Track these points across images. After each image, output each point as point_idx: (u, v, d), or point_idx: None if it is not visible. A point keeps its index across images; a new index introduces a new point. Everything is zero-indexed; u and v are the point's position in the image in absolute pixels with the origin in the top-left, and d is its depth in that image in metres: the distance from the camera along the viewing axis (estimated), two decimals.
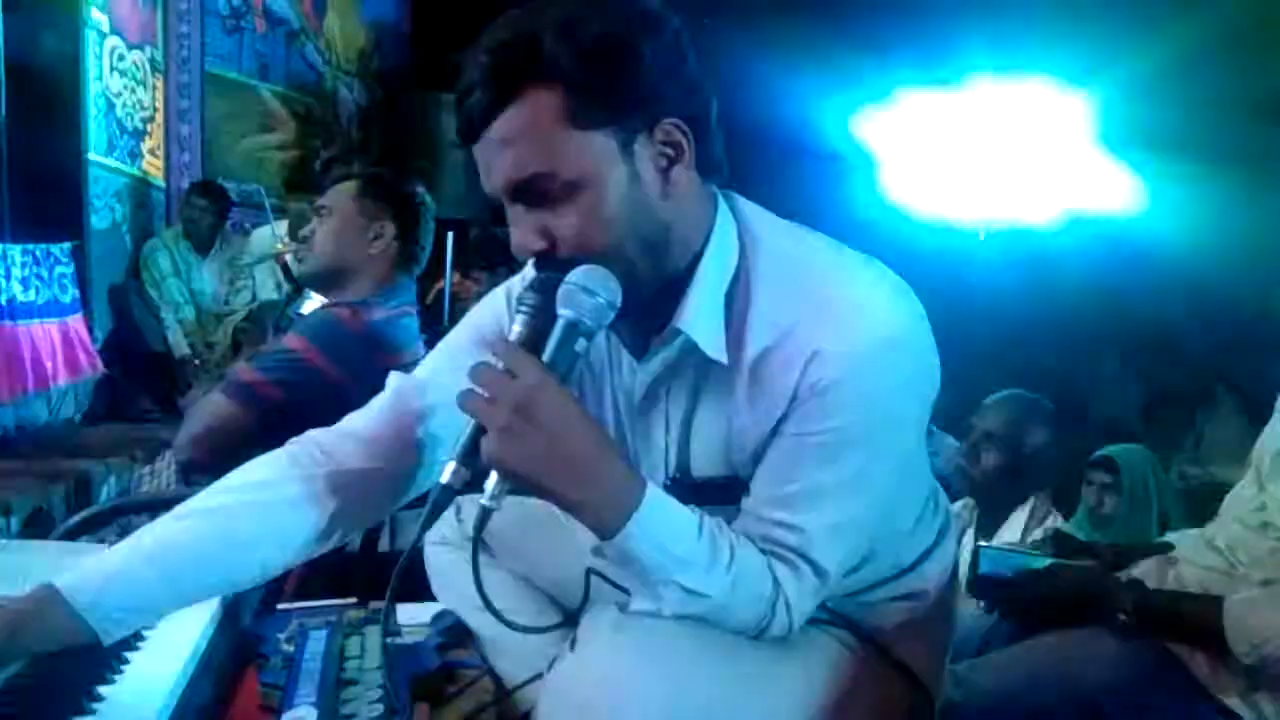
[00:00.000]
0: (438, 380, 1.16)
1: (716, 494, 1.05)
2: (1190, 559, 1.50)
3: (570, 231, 0.95)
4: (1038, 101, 3.62)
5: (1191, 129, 3.25)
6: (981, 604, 1.60)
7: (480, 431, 0.90)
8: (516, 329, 0.95)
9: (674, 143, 0.97)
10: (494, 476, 0.91)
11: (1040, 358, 3.33)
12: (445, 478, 0.92)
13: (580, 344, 0.93)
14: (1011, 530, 2.32)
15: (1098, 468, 2.74)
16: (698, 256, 1.01)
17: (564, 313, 0.93)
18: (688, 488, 1.06)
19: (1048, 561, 1.59)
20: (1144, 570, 1.53)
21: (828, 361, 0.95)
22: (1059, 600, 1.50)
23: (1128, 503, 2.68)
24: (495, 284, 4.33)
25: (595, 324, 0.94)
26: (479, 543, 0.95)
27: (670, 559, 0.93)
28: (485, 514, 0.93)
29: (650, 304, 1.00)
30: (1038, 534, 2.27)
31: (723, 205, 1.04)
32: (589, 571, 1.04)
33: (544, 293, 0.94)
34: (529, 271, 1.03)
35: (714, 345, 0.99)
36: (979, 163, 3.81)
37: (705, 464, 1.06)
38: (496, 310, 1.20)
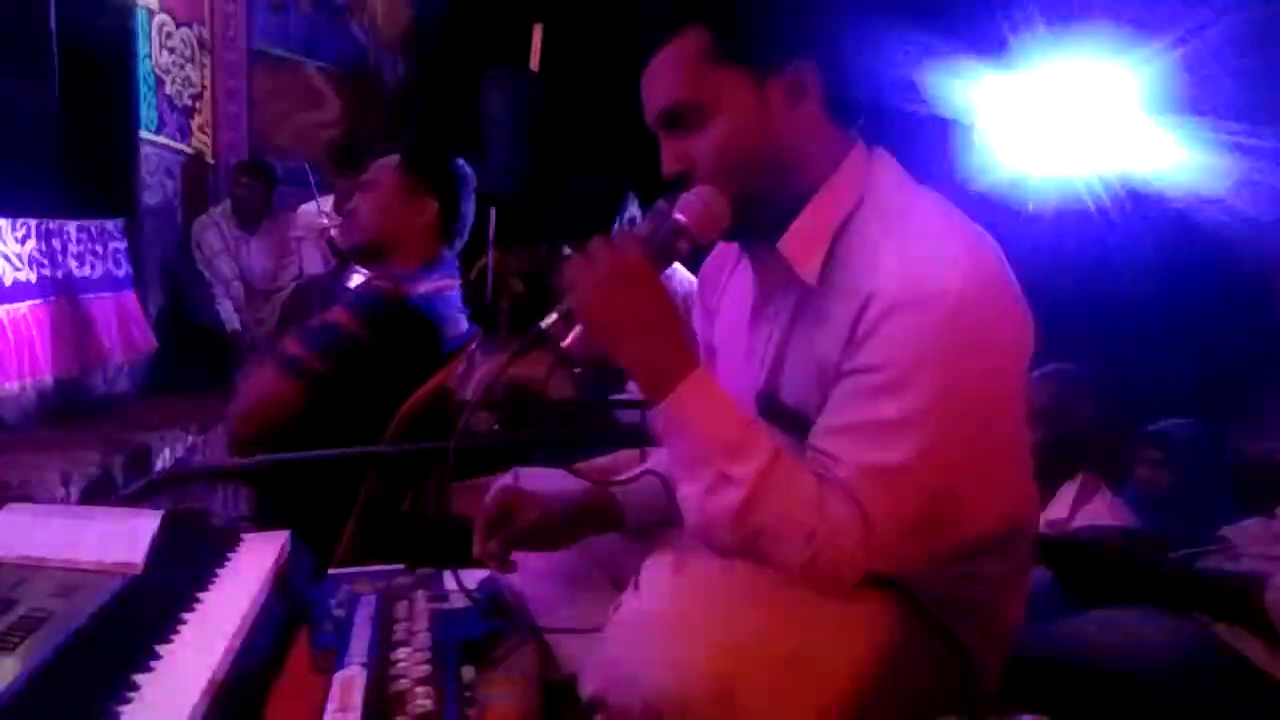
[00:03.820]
0: None
1: (798, 429, 1.09)
2: (1255, 550, 1.47)
3: (703, 155, 1.09)
4: (1096, 65, 3.53)
5: (1257, 97, 3.16)
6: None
7: None
8: (641, 225, 1.11)
9: (802, 84, 1.09)
10: (577, 327, 1.04)
11: (1093, 331, 3.27)
12: (544, 323, 1.07)
13: (682, 244, 1.08)
14: (1058, 506, 2.29)
15: (1150, 443, 2.68)
16: (816, 190, 1.11)
17: (677, 216, 1.08)
18: (777, 412, 1.14)
19: None
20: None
21: (879, 303, 1.01)
22: (1105, 571, 1.48)
23: (1180, 479, 2.63)
24: (536, 259, 4.34)
25: (699, 231, 1.08)
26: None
27: (710, 438, 1.02)
28: (563, 357, 1.07)
29: (768, 227, 1.12)
30: (1086, 509, 2.24)
31: (857, 154, 1.13)
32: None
33: (672, 203, 1.09)
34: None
35: (806, 269, 1.10)
36: (1029, 132, 3.75)
37: (792, 390, 1.13)
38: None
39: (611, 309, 1.03)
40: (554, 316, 1.07)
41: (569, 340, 1.05)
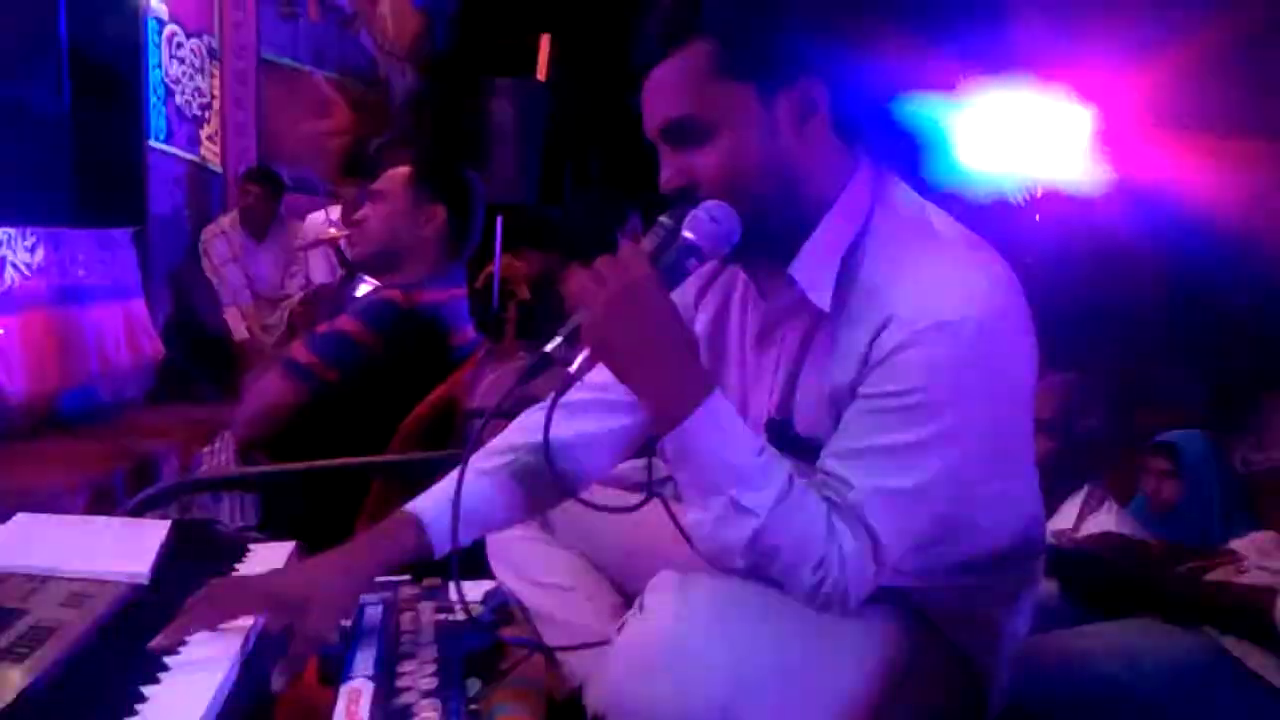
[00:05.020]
0: None
1: (809, 456, 1.07)
2: (1262, 564, 1.47)
3: (708, 171, 1.05)
4: (1100, 73, 3.54)
5: (1261, 105, 3.17)
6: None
7: None
8: (645, 241, 1.05)
9: (811, 100, 1.06)
10: (584, 351, 1.00)
11: (1099, 341, 3.26)
12: (547, 347, 1.02)
13: (691, 263, 1.04)
14: (1065, 517, 2.28)
15: (1157, 454, 2.67)
16: (825, 212, 1.08)
17: (686, 234, 1.03)
18: (788, 439, 1.11)
19: None
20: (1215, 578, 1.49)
21: (897, 328, 0.99)
22: (1113, 583, 1.48)
23: (1188, 490, 2.62)
24: (544, 267, 4.33)
25: (710, 249, 1.04)
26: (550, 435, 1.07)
27: (724, 467, 0.99)
28: (568, 382, 1.02)
29: (775, 248, 1.09)
30: (1091, 520, 2.23)
31: (863, 172, 1.11)
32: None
33: (677, 220, 1.04)
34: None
35: (819, 294, 1.07)
36: (1034, 142, 3.76)
37: (806, 416, 1.11)
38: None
39: (621, 331, 0.98)
40: (559, 340, 1.01)
41: (575, 365, 1.00)
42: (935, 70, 3.50)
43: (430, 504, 1.17)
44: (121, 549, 1.26)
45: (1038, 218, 3.84)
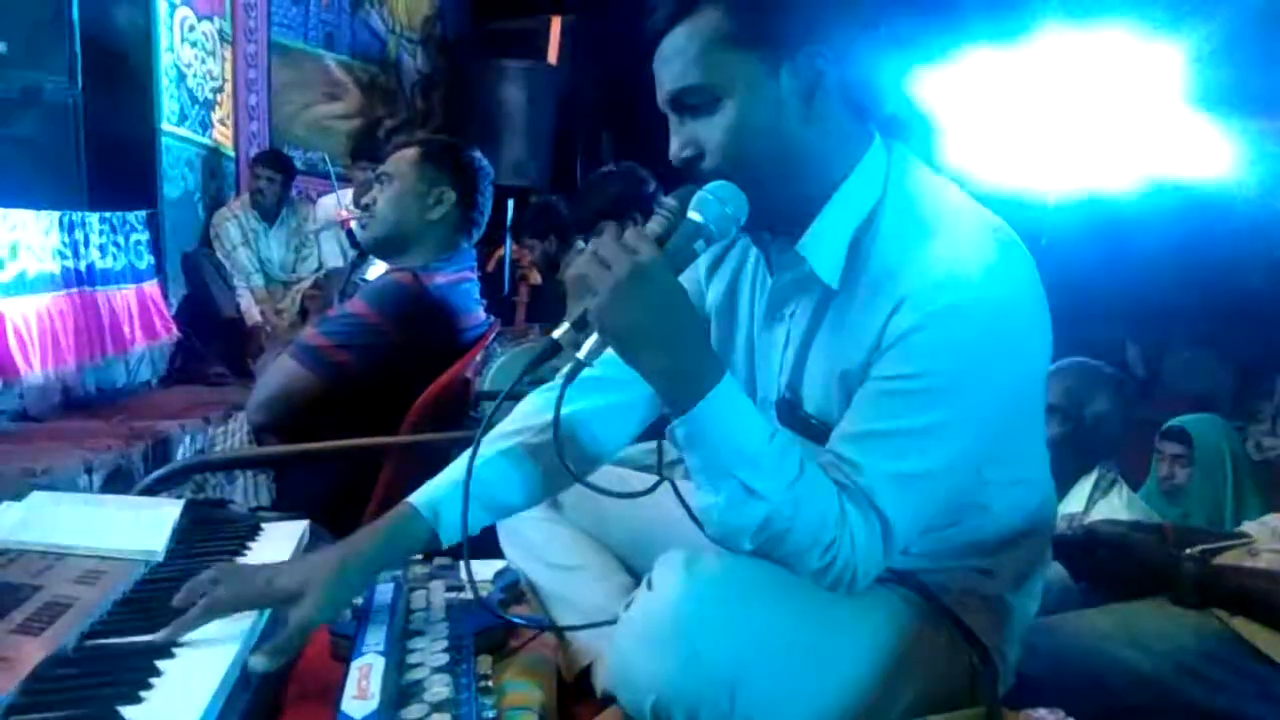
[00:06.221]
0: None
1: (819, 436, 1.07)
2: (1274, 546, 1.46)
3: (714, 142, 1.04)
4: (1116, 54, 3.49)
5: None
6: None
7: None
8: (651, 224, 1.03)
9: (819, 72, 1.04)
10: (593, 336, 0.99)
11: (1114, 326, 3.25)
12: (555, 333, 1.01)
13: (699, 245, 1.03)
14: (1075, 501, 2.28)
15: (1170, 438, 2.67)
16: (836, 188, 1.06)
17: (693, 214, 1.02)
18: (797, 419, 1.11)
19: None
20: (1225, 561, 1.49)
21: (911, 309, 0.98)
22: (1123, 568, 1.47)
23: (1200, 474, 2.61)
24: (550, 251, 4.31)
25: (717, 230, 1.03)
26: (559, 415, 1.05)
27: (735, 451, 0.98)
28: (577, 368, 1.01)
29: (784, 224, 1.08)
30: (1102, 504, 2.23)
31: (876, 148, 1.09)
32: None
33: (683, 200, 1.03)
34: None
35: (828, 271, 1.06)
36: (1050, 122, 3.72)
37: (814, 397, 1.10)
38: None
39: (629, 316, 0.96)
40: (566, 326, 1.00)
41: (584, 351, 0.99)
42: (951, 43, 3.47)
43: (435, 494, 1.16)
44: (135, 527, 1.27)
45: (1052, 199, 3.82)
